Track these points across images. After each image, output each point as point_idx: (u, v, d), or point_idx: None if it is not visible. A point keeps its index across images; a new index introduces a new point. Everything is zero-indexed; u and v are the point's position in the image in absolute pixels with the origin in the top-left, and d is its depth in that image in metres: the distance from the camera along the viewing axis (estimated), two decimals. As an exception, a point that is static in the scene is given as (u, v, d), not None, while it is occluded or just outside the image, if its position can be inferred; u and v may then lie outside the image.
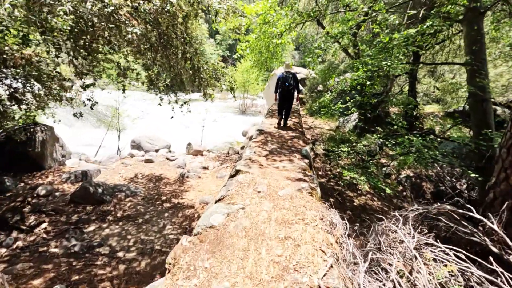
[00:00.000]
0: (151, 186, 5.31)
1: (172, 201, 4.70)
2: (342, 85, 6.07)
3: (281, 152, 3.58)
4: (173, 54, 3.14)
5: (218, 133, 13.52)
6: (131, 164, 6.59)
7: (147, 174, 5.97)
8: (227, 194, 2.37)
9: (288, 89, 5.37)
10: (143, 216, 4.19)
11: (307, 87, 13.34)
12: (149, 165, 6.58)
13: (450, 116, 13.85)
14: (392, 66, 4.25)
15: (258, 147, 3.76)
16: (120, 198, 4.63)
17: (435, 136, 5.12)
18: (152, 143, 8.20)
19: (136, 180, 5.59)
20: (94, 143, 9.90)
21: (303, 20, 6.67)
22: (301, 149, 3.70)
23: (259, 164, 3.10)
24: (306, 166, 3.15)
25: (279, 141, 4.11)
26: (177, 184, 5.47)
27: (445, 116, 13.68)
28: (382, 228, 2.92)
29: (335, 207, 5.04)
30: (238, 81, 22.35)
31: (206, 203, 4.55)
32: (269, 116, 6.22)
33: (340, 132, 8.91)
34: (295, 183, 2.60)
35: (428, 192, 5.95)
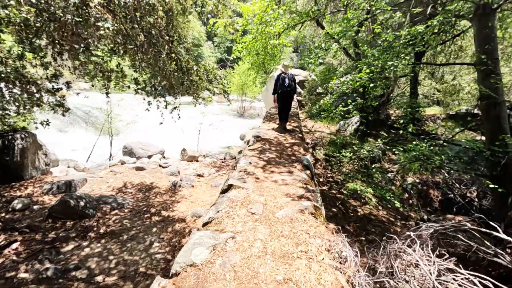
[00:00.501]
0: (140, 197, 4.94)
1: (161, 214, 4.33)
2: (344, 87, 5.76)
3: (280, 162, 3.23)
4: (157, 54, 2.81)
5: (215, 137, 13.18)
6: (121, 172, 6.21)
7: (137, 183, 5.59)
8: (216, 216, 2.02)
9: (287, 91, 5.09)
10: (129, 232, 3.82)
11: (306, 89, 13.05)
12: (140, 173, 6.21)
13: (452, 118, 13.60)
14: (399, 67, 3.93)
15: (254, 156, 3.41)
16: (105, 211, 4.26)
17: (444, 142, 4.79)
18: (145, 149, 7.84)
19: (124, 190, 5.22)
20: (87, 148, 9.53)
21: (302, 20, 6.38)
22: (302, 158, 3.36)
23: (255, 177, 2.74)
24: (308, 179, 2.80)
25: (277, 149, 3.77)
26: (169, 194, 5.10)
27: (447, 118, 13.42)
28: (395, 249, 2.56)
29: (338, 218, 4.69)
30: (235, 84, 22.09)
31: (198, 216, 4.18)
32: (267, 121, 5.89)
33: (341, 136, 8.58)
34: (295, 201, 2.25)
35: (436, 200, 5.61)
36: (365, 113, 7.52)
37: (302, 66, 34.50)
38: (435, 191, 5.79)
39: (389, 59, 4.00)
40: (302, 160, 3.31)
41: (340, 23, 5.43)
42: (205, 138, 12.55)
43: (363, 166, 7.08)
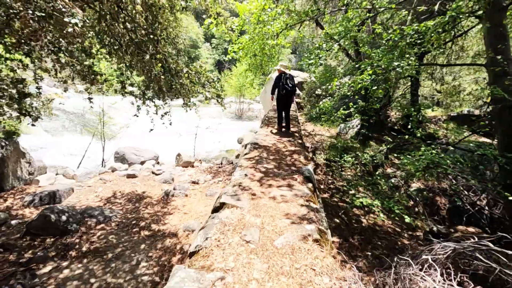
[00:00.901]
0: (129, 208, 4.61)
1: (151, 228, 4.01)
2: (345, 89, 5.48)
3: (279, 174, 2.93)
4: (140, 54, 2.51)
5: (212, 140, 12.87)
6: (111, 180, 5.88)
7: (127, 192, 5.27)
8: (204, 245, 1.71)
9: (288, 92, 4.84)
10: (115, 249, 3.50)
11: (305, 91, 12.78)
12: (131, 181, 5.88)
13: (453, 120, 13.38)
14: (406, 68, 3.65)
15: (250, 167, 3.11)
16: (89, 225, 3.93)
17: (452, 146, 4.51)
18: (138, 154, 7.51)
19: (113, 200, 4.89)
20: (79, 153, 9.19)
21: (301, 20, 6.10)
22: (303, 169, 3.06)
23: (250, 193, 2.44)
24: (310, 194, 2.50)
25: (276, 158, 3.47)
26: (160, 205, 4.78)
27: (448, 120, 13.20)
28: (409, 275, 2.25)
29: (341, 229, 4.38)
30: (233, 85, 21.80)
31: (191, 231, 3.87)
32: (265, 125, 5.59)
33: (342, 140, 8.31)
34: (297, 224, 1.95)
35: (443, 208, 5.32)
36: (367, 116, 7.24)
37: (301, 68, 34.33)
38: (442, 198, 5.51)
39: (395, 59, 3.72)
40: (303, 171, 3.02)
41: (341, 23, 5.16)
42: (202, 142, 12.24)
43: (366, 171, 6.80)
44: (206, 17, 4.93)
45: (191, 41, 39.02)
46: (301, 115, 13.09)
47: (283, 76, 4.66)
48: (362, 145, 8.07)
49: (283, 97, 4.86)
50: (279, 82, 4.68)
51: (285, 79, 4.64)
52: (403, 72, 3.74)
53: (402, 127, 11.32)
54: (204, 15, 4.95)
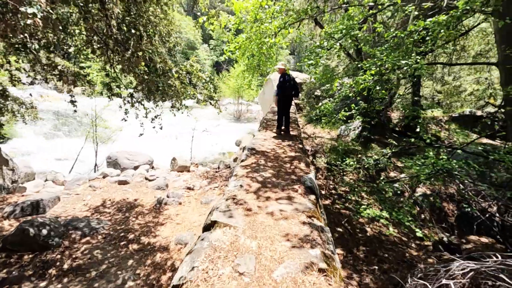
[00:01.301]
0: (118, 218, 4.32)
1: (141, 241, 3.72)
2: (346, 90, 5.22)
3: (277, 184, 2.65)
4: (118, 51, 2.24)
5: (210, 143, 12.58)
6: (101, 187, 5.58)
7: (117, 201, 4.97)
8: (189, 278, 1.43)
9: (289, 94, 4.60)
10: (99, 266, 3.20)
11: (304, 92, 12.54)
12: (123, 188, 5.59)
13: (455, 120, 13.18)
14: (414, 66, 3.39)
15: (246, 176, 2.83)
16: (73, 239, 3.63)
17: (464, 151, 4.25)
18: (131, 159, 7.22)
19: (102, 209, 4.60)
20: (73, 157, 8.89)
21: (300, 18, 5.85)
22: (304, 178, 2.78)
23: (245, 208, 2.16)
24: (313, 208, 2.22)
25: (274, 165, 3.19)
26: (152, 214, 4.49)
27: (450, 121, 12.99)
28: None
29: (345, 239, 4.10)
30: (231, 87, 21.54)
31: (184, 244, 3.58)
32: (263, 128, 5.32)
33: (343, 142, 8.05)
34: (299, 249, 1.67)
35: (451, 214, 5.06)
36: (368, 118, 6.99)
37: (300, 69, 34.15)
38: (450, 204, 5.24)
39: (401, 57, 3.46)
40: (304, 180, 2.74)
41: (341, 21, 4.91)
42: (199, 144, 11.96)
43: (368, 175, 6.54)
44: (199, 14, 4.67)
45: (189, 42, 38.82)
46: (300, 116, 12.83)
47: (284, 78, 4.42)
48: (364, 148, 7.81)
49: (284, 99, 4.61)
50: (281, 82, 4.44)
51: (286, 81, 4.40)
52: (410, 71, 3.48)
53: (403, 128, 11.10)
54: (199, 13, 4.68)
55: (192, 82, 3.20)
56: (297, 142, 4.35)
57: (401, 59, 3.49)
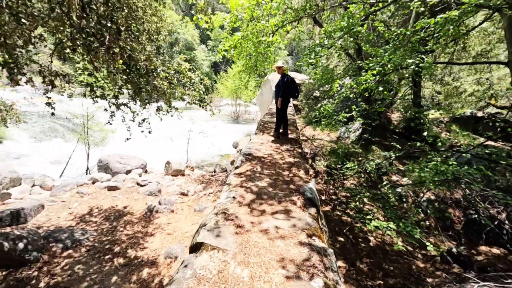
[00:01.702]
0: (105, 228, 4.04)
1: (127, 254, 3.44)
2: (347, 91, 4.99)
3: (274, 195, 2.40)
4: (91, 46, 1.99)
5: (207, 145, 12.31)
6: (90, 193, 5.30)
7: (106, 208, 4.69)
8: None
9: (288, 95, 4.36)
10: (80, 283, 2.92)
11: (303, 93, 12.31)
12: (112, 194, 5.31)
13: (455, 122, 13.02)
14: (421, 65, 3.15)
15: (240, 186, 2.57)
16: (54, 252, 3.35)
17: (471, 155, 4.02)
18: (124, 162, 6.93)
19: (88, 218, 4.31)
20: (65, 161, 8.60)
21: (298, 17, 5.62)
22: (304, 188, 2.53)
23: (237, 225, 1.90)
24: (314, 225, 1.97)
25: (271, 173, 2.94)
26: (142, 223, 4.22)
27: (450, 122, 12.83)
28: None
29: (346, 250, 3.85)
30: (229, 88, 21.30)
31: (173, 258, 3.31)
32: (260, 131, 5.06)
33: (343, 145, 7.81)
34: (297, 280, 1.41)
35: (458, 221, 4.82)
36: (369, 120, 6.75)
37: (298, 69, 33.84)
38: (456, 210, 5.01)
39: (407, 56, 3.23)
40: (304, 190, 2.49)
41: (341, 19, 4.68)
42: (196, 147, 11.70)
43: (370, 180, 6.30)
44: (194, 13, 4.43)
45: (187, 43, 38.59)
46: (299, 118, 12.60)
47: (284, 79, 4.19)
48: (365, 151, 7.58)
49: (282, 100, 4.36)
50: (280, 83, 4.21)
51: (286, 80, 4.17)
52: (417, 71, 3.24)
53: (404, 130, 10.89)
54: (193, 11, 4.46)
55: (181, 82, 2.94)
56: (296, 146, 4.10)
57: (407, 57, 3.26)
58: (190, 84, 2.96)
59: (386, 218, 4.75)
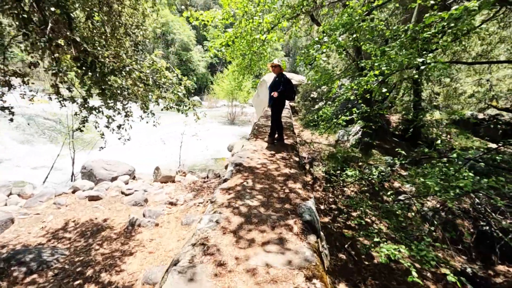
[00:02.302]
0: (79, 246, 3.61)
1: (100, 279, 3.02)
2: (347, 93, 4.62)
3: (266, 218, 2.00)
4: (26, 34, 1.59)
5: (201, 148, 11.88)
6: (68, 204, 4.85)
7: (83, 222, 4.25)
8: None
9: (283, 98, 3.97)
10: (40, 318, 2.50)
11: (300, 94, 11.97)
12: (93, 205, 4.86)
13: (455, 123, 12.79)
14: (437, 65, 2.80)
15: (227, 205, 2.17)
16: (15, 278, 2.92)
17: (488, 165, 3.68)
18: (109, 169, 6.49)
19: (62, 234, 3.88)
20: (54, 166, 8.11)
21: (295, 13, 5.25)
22: (302, 208, 2.14)
23: (217, 264, 1.50)
24: (314, 261, 1.58)
25: (264, 187, 2.54)
26: (122, 239, 3.79)
27: (450, 124, 12.58)
28: None
29: (348, 269, 3.46)
30: (225, 89, 20.90)
31: (152, 284, 2.89)
32: (254, 136, 4.67)
33: (342, 149, 7.46)
34: None
35: (467, 233, 4.47)
36: (370, 123, 6.40)
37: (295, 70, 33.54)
38: (465, 221, 4.66)
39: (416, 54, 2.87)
40: (301, 211, 2.10)
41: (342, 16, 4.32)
42: (190, 149, 11.27)
43: (371, 187, 5.94)
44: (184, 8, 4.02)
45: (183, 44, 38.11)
46: (296, 120, 12.25)
47: (280, 77, 3.78)
48: (365, 155, 7.23)
49: (275, 103, 3.97)
50: (275, 84, 3.80)
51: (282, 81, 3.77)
52: (431, 70, 2.88)
53: (403, 132, 10.60)
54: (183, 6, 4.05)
55: (158, 83, 2.53)
56: (292, 154, 3.71)
57: (417, 56, 2.90)
58: (168, 85, 2.54)
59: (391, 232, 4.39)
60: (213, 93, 24.68)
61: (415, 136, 10.11)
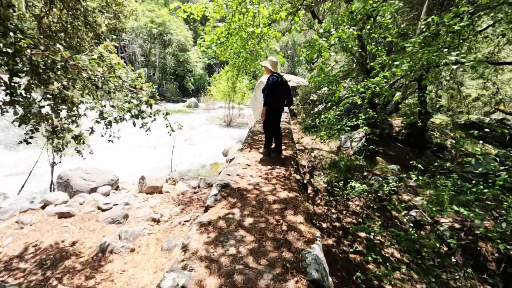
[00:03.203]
0: (34, 281, 2.98)
1: (50, 330, 2.40)
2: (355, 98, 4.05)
3: (256, 276, 1.41)
4: None
5: (194, 153, 11.24)
6: (34, 222, 4.22)
7: (46, 246, 3.62)
8: None
9: (281, 103, 3.36)
10: None
11: (299, 96, 11.41)
12: (62, 223, 4.23)
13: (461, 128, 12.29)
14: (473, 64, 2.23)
15: (202, 256, 1.57)
16: None
17: None
18: (89, 178, 5.85)
19: (16, 264, 3.24)
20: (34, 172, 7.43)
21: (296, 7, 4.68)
22: (306, 259, 1.55)
23: None
24: None
25: (256, 222, 1.95)
26: (87, 271, 3.17)
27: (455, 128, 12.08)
28: None
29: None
30: (222, 90, 20.32)
31: None
32: (247, 146, 4.08)
33: (344, 156, 6.88)
34: None
35: (490, 258, 3.91)
36: (377, 128, 5.83)
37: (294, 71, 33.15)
38: (487, 244, 4.10)
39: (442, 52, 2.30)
40: (305, 265, 1.51)
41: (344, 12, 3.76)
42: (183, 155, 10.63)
43: (378, 200, 5.36)
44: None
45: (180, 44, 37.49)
46: (295, 123, 11.69)
47: (275, 78, 3.15)
48: (370, 163, 6.67)
49: (276, 109, 3.35)
50: (271, 87, 3.17)
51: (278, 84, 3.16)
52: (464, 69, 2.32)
53: (406, 137, 10.06)
54: None
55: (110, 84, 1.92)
56: (292, 170, 3.12)
57: (446, 54, 2.33)
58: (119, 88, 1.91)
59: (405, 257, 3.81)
60: (210, 94, 24.10)
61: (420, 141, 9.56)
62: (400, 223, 4.83)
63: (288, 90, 3.29)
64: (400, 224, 4.78)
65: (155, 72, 32.93)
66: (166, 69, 33.40)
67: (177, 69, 35.61)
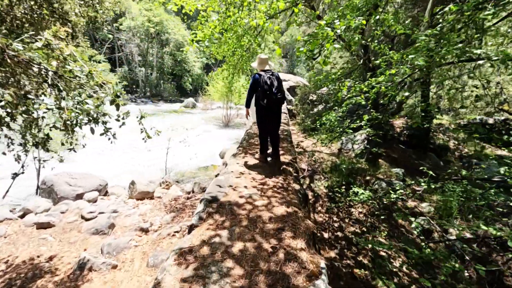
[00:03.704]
0: (-1, 306, 2.64)
1: None
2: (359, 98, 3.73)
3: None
4: None
5: (192, 154, 10.89)
6: (9, 234, 3.86)
7: (20, 262, 3.28)
8: None
9: (277, 99, 2.94)
10: None
11: (298, 97, 11.09)
12: (41, 235, 3.88)
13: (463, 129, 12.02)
14: (500, 59, 1.91)
15: (179, 287, 1.24)
16: None
17: None
18: (74, 184, 5.49)
19: (-18, 284, 2.90)
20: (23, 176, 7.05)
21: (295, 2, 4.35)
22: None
23: None
24: None
25: (246, 246, 1.62)
26: (62, 292, 2.83)
27: (457, 129, 11.82)
28: None
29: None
30: (219, 90, 19.98)
31: None
32: (242, 151, 3.75)
33: (346, 159, 6.56)
34: None
35: (509, 273, 3.60)
36: (380, 130, 5.51)
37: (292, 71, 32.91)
38: (504, 256, 3.78)
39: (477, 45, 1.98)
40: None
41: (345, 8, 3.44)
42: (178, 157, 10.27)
43: (382, 206, 5.05)
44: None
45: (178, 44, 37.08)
46: (294, 124, 11.37)
47: (264, 76, 2.77)
48: (372, 166, 6.36)
49: (268, 110, 3.00)
50: (260, 86, 2.80)
51: (270, 80, 2.78)
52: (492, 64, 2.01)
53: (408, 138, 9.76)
54: None
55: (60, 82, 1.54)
56: (291, 179, 2.79)
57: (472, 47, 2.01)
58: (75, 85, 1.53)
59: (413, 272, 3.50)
60: (208, 94, 23.74)
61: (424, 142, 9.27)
62: (406, 232, 4.52)
63: (279, 85, 2.90)
64: (406, 234, 4.46)
65: (153, 72, 32.54)
66: (163, 69, 33.00)
67: (174, 68, 35.19)
